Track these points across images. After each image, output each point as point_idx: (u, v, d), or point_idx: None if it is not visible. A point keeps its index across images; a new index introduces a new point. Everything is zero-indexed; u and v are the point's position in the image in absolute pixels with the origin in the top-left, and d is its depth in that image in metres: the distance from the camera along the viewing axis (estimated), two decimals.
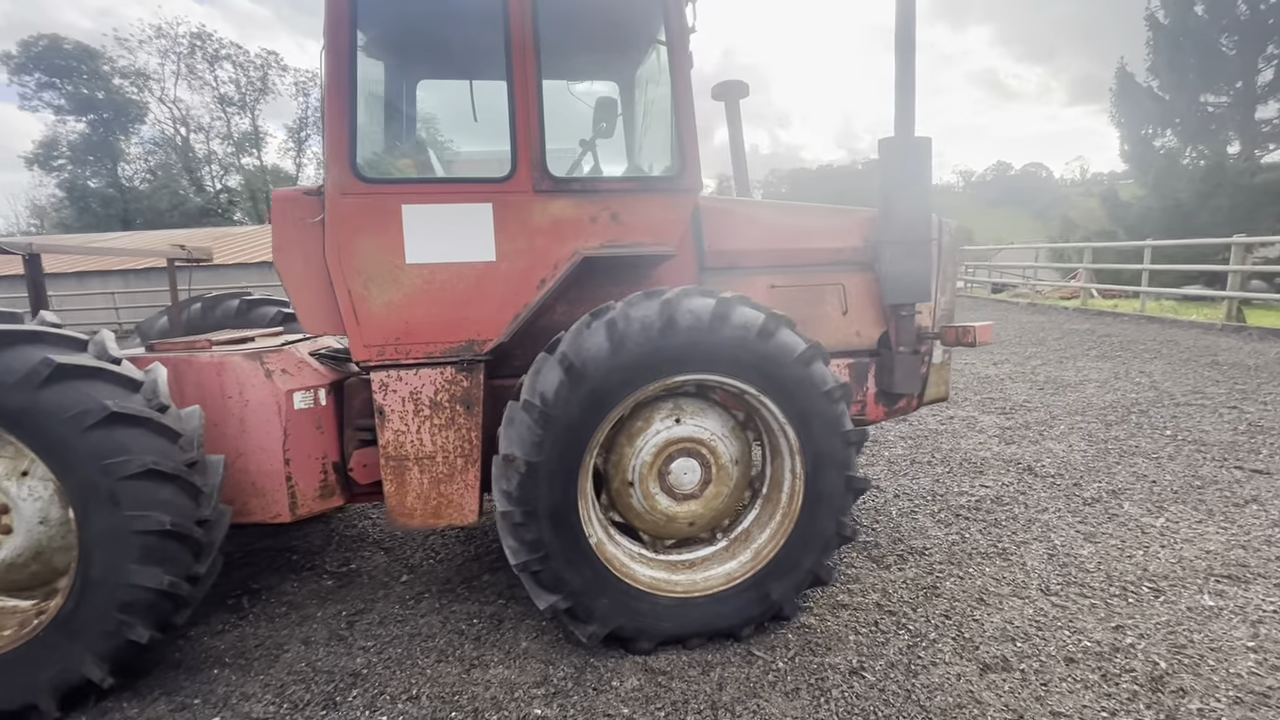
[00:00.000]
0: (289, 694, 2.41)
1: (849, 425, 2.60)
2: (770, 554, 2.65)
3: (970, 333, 3.11)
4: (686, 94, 2.77)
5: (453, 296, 2.66)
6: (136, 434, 2.22)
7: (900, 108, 3.00)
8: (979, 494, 4.17)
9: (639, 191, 2.78)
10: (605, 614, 2.51)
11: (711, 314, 2.42)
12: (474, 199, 2.64)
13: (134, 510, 2.19)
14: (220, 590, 3.22)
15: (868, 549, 3.46)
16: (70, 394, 2.15)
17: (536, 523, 2.40)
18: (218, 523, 2.49)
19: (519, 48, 2.58)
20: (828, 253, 3.23)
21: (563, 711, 2.28)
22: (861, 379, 3.27)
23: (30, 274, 2.76)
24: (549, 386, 2.36)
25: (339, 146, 2.52)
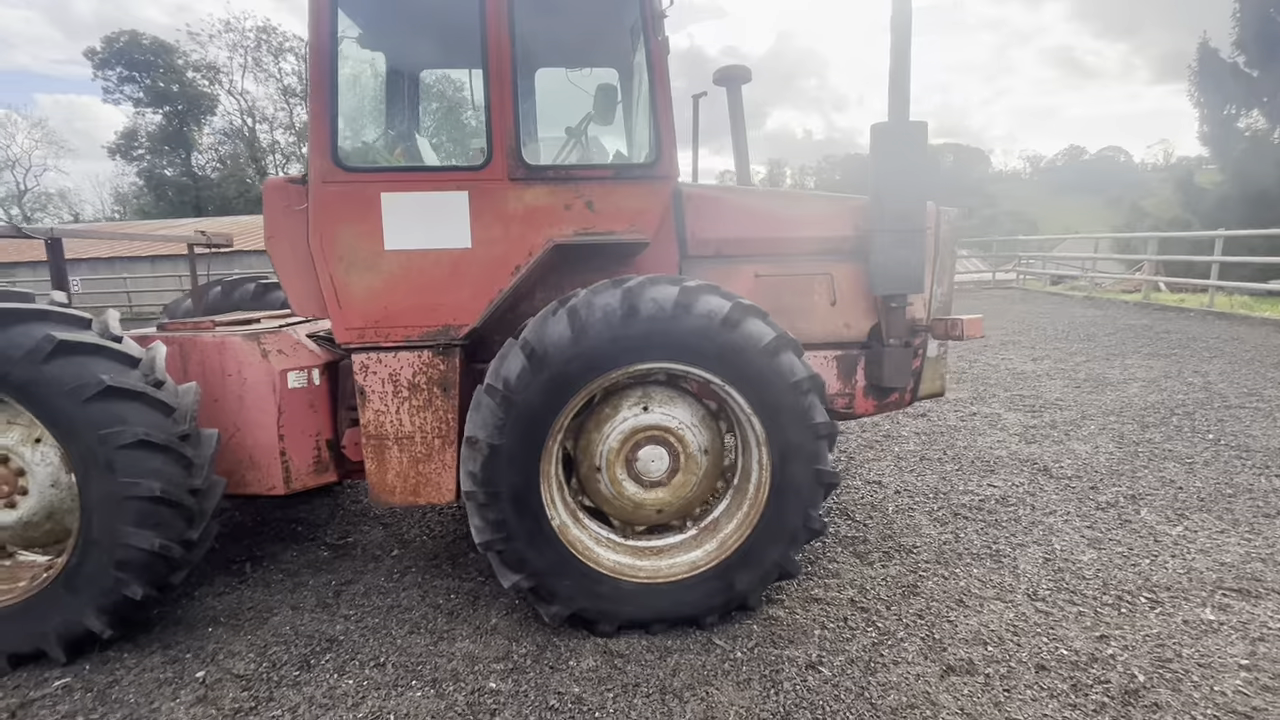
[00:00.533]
0: (270, 654, 2.57)
1: (819, 418, 2.56)
2: (735, 544, 2.65)
3: (959, 326, 3.00)
4: (663, 80, 2.75)
5: (430, 282, 2.73)
6: (132, 407, 2.40)
7: (894, 91, 2.90)
8: (984, 493, 4.02)
9: (615, 179, 2.78)
10: (567, 595, 2.57)
11: (674, 302, 2.42)
12: (450, 187, 2.70)
13: (128, 477, 2.37)
14: (227, 555, 3.45)
15: (853, 544, 3.40)
16: (71, 368, 2.33)
17: (499, 504, 2.47)
18: (210, 492, 2.66)
19: (494, 37, 2.61)
20: (816, 242, 3.16)
21: (516, 686, 2.35)
22: (850, 372, 3.20)
23: (52, 258, 3.00)
24: (512, 372, 2.41)
25: (321, 136, 2.62)
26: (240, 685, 2.39)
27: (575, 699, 2.27)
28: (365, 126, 3.16)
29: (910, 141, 2.93)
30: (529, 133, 2.84)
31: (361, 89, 3.07)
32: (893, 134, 2.92)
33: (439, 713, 2.23)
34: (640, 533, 2.86)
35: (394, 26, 3.08)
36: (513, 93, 2.65)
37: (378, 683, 2.39)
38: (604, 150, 3.43)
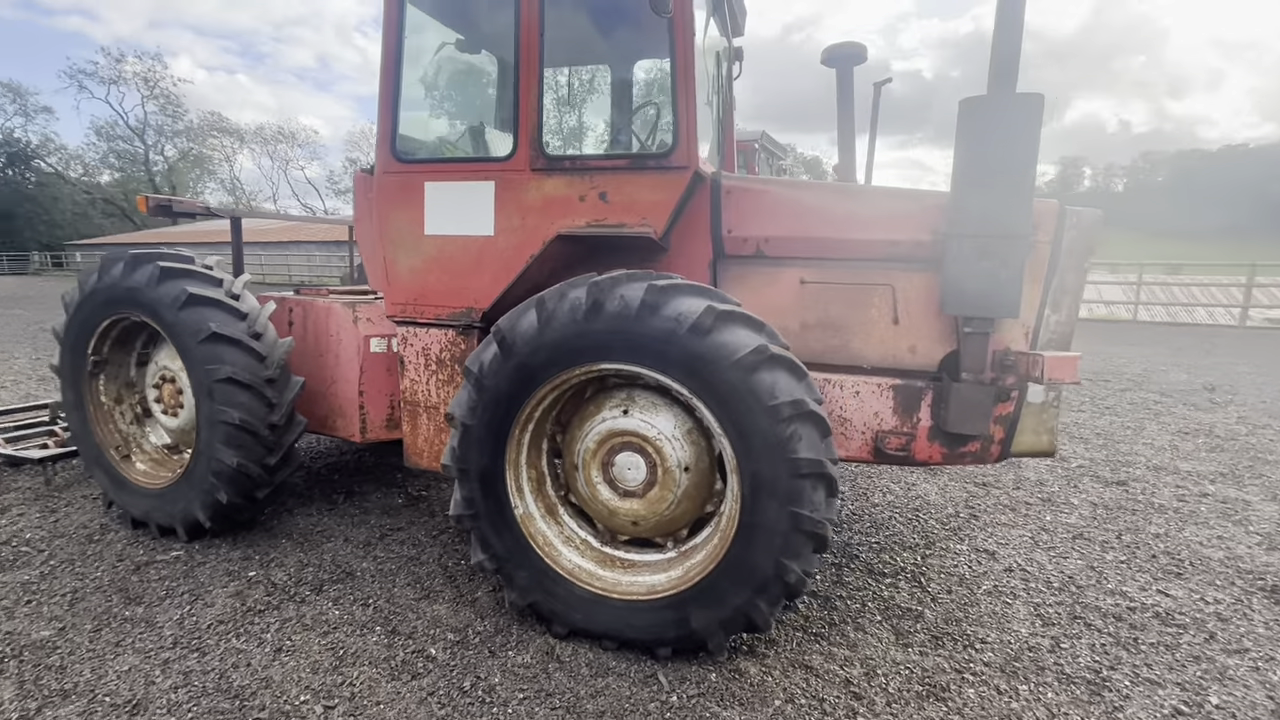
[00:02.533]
0: (303, 573, 3.04)
1: (802, 452, 2.14)
2: (697, 578, 2.36)
3: (1038, 364, 2.25)
4: (687, 66, 2.53)
5: (458, 266, 2.93)
6: (230, 350, 3.01)
7: (1000, 50, 2.27)
8: (1143, 601, 2.96)
9: (629, 169, 2.66)
10: (524, 586, 2.56)
11: (640, 302, 2.23)
12: (480, 177, 2.85)
13: (220, 405, 2.99)
14: (332, 485, 4.13)
15: (899, 616, 2.78)
16: (195, 316, 3.01)
17: (469, 482, 2.56)
18: (288, 427, 3.22)
19: (525, 33, 2.68)
20: (879, 245, 2.63)
21: (450, 659, 2.43)
22: (911, 407, 2.61)
23: (234, 236, 3.90)
24: (485, 357, 2.47)
25: (385, 131, 2.96)
26: (266, 590, 2.87)
27: (488, 689, 2.27)
28: (428, 119, 3.47)
29: (1014, 121, 2.27)
30: (551, 126, 2.83)
31: (427, 82, 3.36)
32: (991, 111, 2.30)
33: (377, 660, 2.41)
34: (624, 543, 2.72)
35: (455, 19, 3.29)
36: (538, 86, 2.69)
37: (354, 620, 2.67)
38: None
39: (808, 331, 2.76)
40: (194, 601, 2.77)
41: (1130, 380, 8.65)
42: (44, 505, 3.75)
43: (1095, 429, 6.07)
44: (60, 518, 3.59)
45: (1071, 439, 5.71)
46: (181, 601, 2.77)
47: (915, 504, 4.12)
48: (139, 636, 2.52)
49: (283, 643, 2.50)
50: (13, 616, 2.64)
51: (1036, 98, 2.28)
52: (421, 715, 2.13)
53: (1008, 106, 2.28)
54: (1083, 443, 5.60)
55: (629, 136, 3.25)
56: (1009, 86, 2.28)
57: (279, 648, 2.47)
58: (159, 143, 53.93)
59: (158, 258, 3.16)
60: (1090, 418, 6.51)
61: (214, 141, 57.25)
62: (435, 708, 2.17)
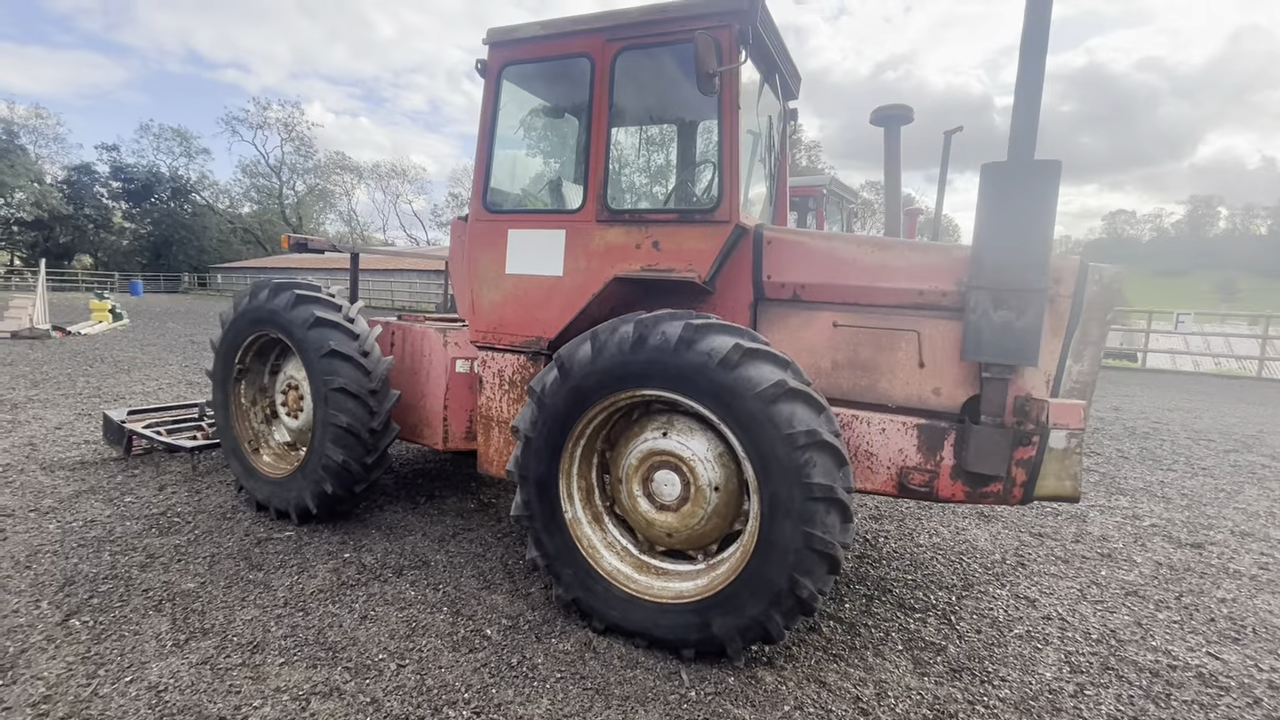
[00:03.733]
0: (388, 558, 3.53)
1: (816, 478, 2.38)
2: (720, 587, 2.62)
3: (1044, 410, 2.38)
4: (733, 136, 2.90)
5: (531, 301, 3.40)
6: (344, 365, 3.61)
7: (1019, 120, 2.50)
8: (1188, 661, 2.90)
9: (679, 222, 3.04)
10: (569, 583, 2.91)
11: (678, 338, 2.58)
12: (554, 226, 3.33)
13: (333, 409, 3.59)
14: (416, 487, 4.68)
15: (922, 647, 2.89)
16: (318, 335, 3.64)
17: (528, 487, 2.96)
18: (384, 433, 3.77)
19: (597, 105, 3.16)
20: (906, 294, 2.85)
21: (503, 639, 2.80)
22: (935, 446, 2.78)
23: (352, 268, 4.60)
24: (547, 379, 2.89)
25: (479, 186, 3.52)
26: (357, 569, 3.38)
27: (531, 667, 2.62)
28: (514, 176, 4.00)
29: (1031, 185, 2.48)
30: (614, 183, 3.27)
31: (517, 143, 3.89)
32: (1010, 175, 2.52)
33: (444, 634, 2.82)
34: (661, 553, 3.02)
35: (542, 89, 3.82)
36: (605, 149, 3.15)
37: (426, 600, 3.11)
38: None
39: (839, 371, 3.00)
40: (300, 572, 3.31)
41: (1239, 441, 7.98)
42: (191, 486, 4.52)
43: (1183, 489, 5.73)
44: (203, 497, 4.32)
45: (1151, 497, 5.43)
46: (291, 571, 3.32)
47: (961, 547, 4.14)
48: (259, 595, 3.07)
49: (368, 612, 2.97)
50: (169, 570, 3.28)
51: (1054, 164, 2.48)
52: (475, 681, 2.51)
53: (1026, 171, 2.49)
54: (1163, 502, 5.32)
55: (681, 193, 3.65)
56: (1028, 153, 2.50)
57: (365, 615, 2.94)
58: (291, 179, 60.52)
59: (294, 286, 3.85)
60: (1180, 478, 6.13)
61: (336, 178, 63.54)
62: (486, 676, 2.54)
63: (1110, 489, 5.66)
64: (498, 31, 3.42)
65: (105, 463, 4.97)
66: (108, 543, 3.56)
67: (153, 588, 3.08)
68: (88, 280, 41.40)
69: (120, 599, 2.97)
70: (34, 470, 4.73)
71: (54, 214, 47.34)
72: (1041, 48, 2.47)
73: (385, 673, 2.53)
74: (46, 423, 6.16)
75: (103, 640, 2.64)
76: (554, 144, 3.87)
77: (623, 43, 3.11)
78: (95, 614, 2.84)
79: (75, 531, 3.70)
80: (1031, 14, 2.47)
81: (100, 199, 53.20)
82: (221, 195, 60.18)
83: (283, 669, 2.52)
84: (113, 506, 4.09)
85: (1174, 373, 17.14)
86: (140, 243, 54.61)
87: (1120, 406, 10.52)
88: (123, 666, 2.48)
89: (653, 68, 3.26)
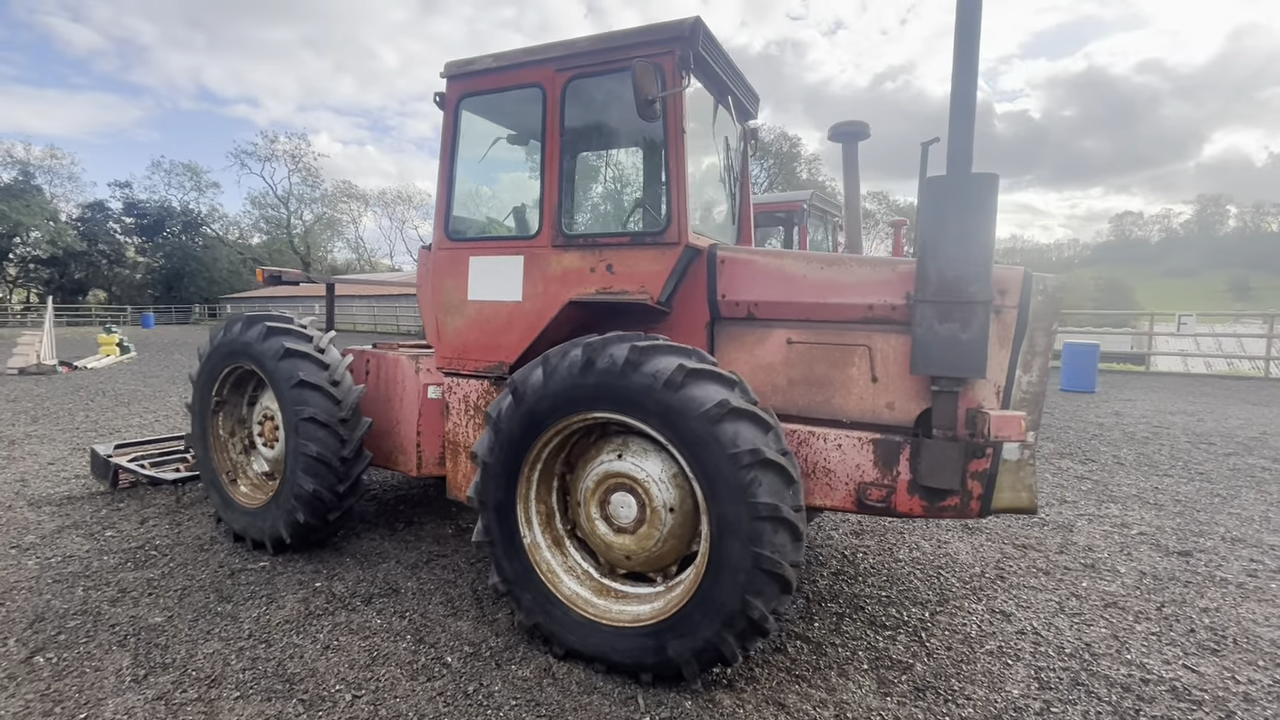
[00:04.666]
0: (358, 586, 3.54)
1: (762, 497, 2.38)
2: (675, 609, 2.61)
3: (985, 423, 2.36)
4: (679, 154, 2.95)
5: (493, 327, 3.43)
6: (313, 395, 3.65)
7: (956, 135, 2.53)
8: (1162, 674, 2.84)
9: (631, 245, 3.07)
10: (529, 608, 2.90)
11: (625, 360, 2.60)
12: (513, 252, 3.37)
13: (302, 439, 3.62)
14: (396, 515, 4.70)
15: (889, 666, 2.85)
16: (289, 365, 3.69)
17: (487, 512, 2.97)
18: (356, 460, 3.80)
19: (549, 132, 3.22)
20: (857, 309, 2.86)
21: (463, 666, 2.79)
22: (891, 460, 2.76)
23: (328, 297, 4.67)
24: (503, 404, 2.91)
25: (441, 214, 3.58)
26: (326, 599, 3.38)
27: (487, 695, 2.60)
28: (475, 204, 4.06)
29: (972, 198, 2.50)
30: (569, 208, 3.32)
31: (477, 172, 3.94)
32: (950, 190, 2.53)
33: (403, 663, 2.81)
34: (622, 576, 3.01)
35: (502, 118, 3.88)
36: (559, 175, 3.20)
37: (391, 628, 3.11)
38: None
39: (794, 387, 3.01)
40: (269, 603, 3.32)
41: (1240, 444, 7.85)
42: (173, 519, 4.56)
43: (1177, 495, 5.63)
44: (183, 529, 4.35)
45: (1143, 504, 5.35)
46: (260, 602, 3.33)
47: (941, 561, 4.09)
48: (224, 627, 3.08)
49: (331, 642, 2.97)
50: (138, 604, 3.30)
51: (992, 177, 2.50)
52: (428, 710, 2.50)
53: (965, 184, 2.51)
54: (1155, 509, 5.23)
55: (634, 216, 3.70)
56: (966, 166, 2.52)
57: (327, 645, 2.94)
58: (299, 209, 61.56)
59: (266, 319, 3.91)
60: (1175, 483, 6.03)
61: (344, 206, 64.59)
62: (441, 705, 2.53)
63: (1102, 497, 5.58)
64: (454, 65, 3.50)
65: (92, 497, 5.03)
66: (83, 578, 3.59)
67: (120, 623, 3.10)
68: (101, 315, 42.15)
69: (87, 635, 2.99)
70: (21, 506, 4.79)
71: (69, 251, 48.38)
72: (973, 63, 2.50)
73: (340, 704, 2.53)
74: (40, 458, 6.24)
75: (63, 677, 2.66)
76: (512, 172, 3.93)
77: (572, 72, 3.18)
78: (60, 650, 2.86)
79: (53, 567, 3.73)
80: (961, 30, 2.50)
81: (113, 235, 54.39)
82: (231, 227, 61.37)
83: (237, 703, 2.52)
84: (93, 541, 4.13)
85: (1182, 375, 16.91)
86: (153, 276, 55.65)
87: (1121, 411, 10.38)
88: (79, 703, 2.49)
89: (602, 95, 3.32)
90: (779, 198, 8.38)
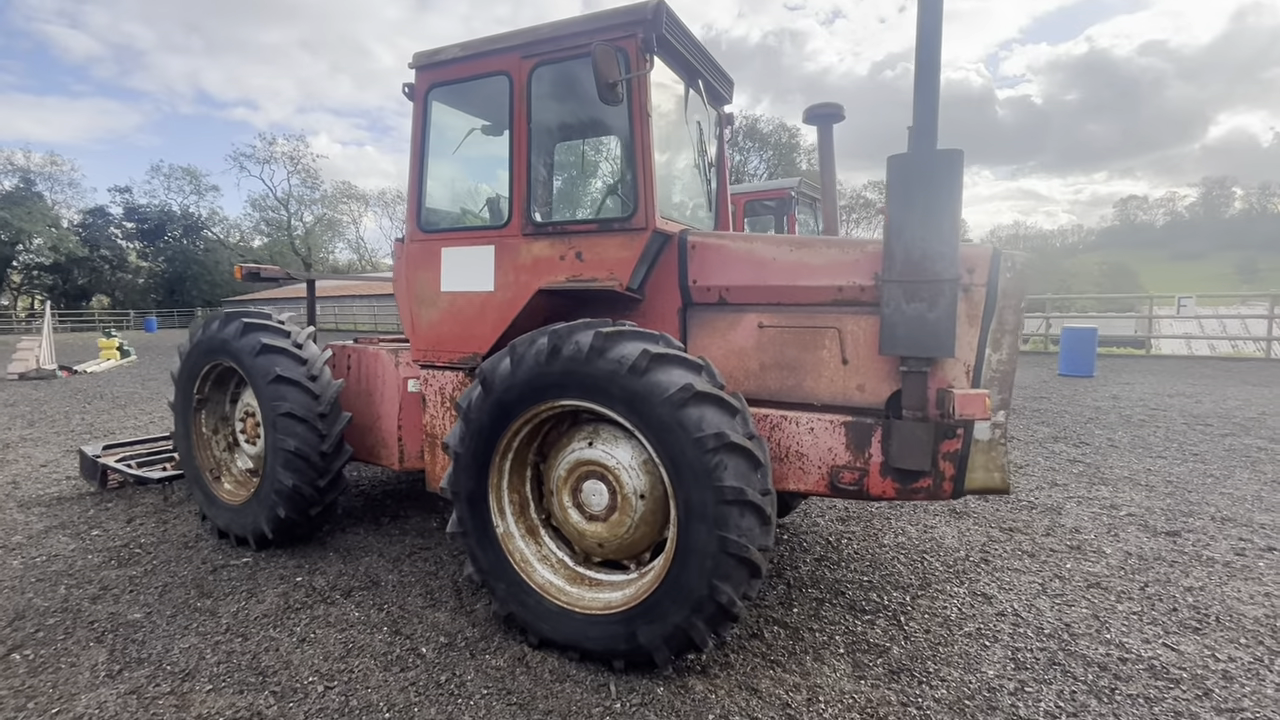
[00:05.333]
0: (339, 579, 3.54)
1: (727, 481, 2.36)
2: (645, 595, 2.59)
3: (950, 401, 2.34)
4: (644, 138, 2.92)
5: (466, 317, 3.42)
6: (290, 389, 3.65)
7: (920, 112, 2.49)
8: (1142, 654, 2.82)
9: (599, 232, 3.05)
10: (503, 597, 2.89)
11: (590, 346, 2.58)
12: (484, 242, 3.35)
13: (280, 434, 3.62)
14: (381, 509, 4.70)
15: (866, 650, 2.84)
16: (266, 361, 3.69)
17: (460, 503, 2.96)
18: (335, 455, 3.79)
19: (516, 119, 3.19)
20: (825, 291, 2.83)
21: (437, 657, 2.79)
22: (862, 443, 2.74)
23: (308, 294, 4.66)
24: (473, 395, 2.89)
25: (413, 206, 3.56)
26: (306, 592, 3.39)
27: (459, 684, 2.60)
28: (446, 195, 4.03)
29: (938, 174, 2.47)
30: (539, 196, 3.29)
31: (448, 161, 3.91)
32: (914, 166, 2.50)
33: (378, 654, 2.81)
34: (597, 564, 3.00)
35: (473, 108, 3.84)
36: (526, 165, 3.18)
37: (368, 621, 3.11)
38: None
39: (766, 371, 2.98)
40: (249, 598, 3.33)
41: (1237, 424, 7.79)
42: (159, 517, 4.57)
43: (1169, 476, 5.59)
44: (169, 528, 4.37)
45: (1134, 486, 5.31)
46: (240, 597, 3.34)
47: (926, 546, 4.07)
48: (202, 622, 3.09)
49: (307, 635, 2.97)
50: (119, 601, 3.31)
51: (956, 153, 2.46)
52: (399, 700, 2.50)
53: (930, 162, 2.48)
54: (1146, 490, 5.20)
55: (602, 203, 3.68)
56: (930, 143, 2.48)
57: (303, 639, 2.94)
58: (299, 210, 61.59)
59: (243, 315, 3.91)
60: (1169, 465, 5.99)
61: (344, 207, 64.59)
62: (412, 695, 2.53)
63: (1093, 479, 5.54)
64: (422, 55, 3.48)
65: (81, 498, 5.05)
66: (65, 576, 3.61)
67: (99, 619, 3.12)
68: (104, 320, 42.35)
69: (65, 631, 3.01)
70: (10, 508, 4.81)
71: (71, 257, 48.55)
72: (936, 38, 2.47)
73: (311, 695, 2.53)
74: (34, 460, 6.28)
75: (39, 673, 2.67)
76: (482, 161, 3.91)
77: (537, 59, 3.15)
78: (38, 647, 2.87)
79: (37, 566, 3.75)
80: (924, 4, 2.46)
81: (115, 240, 54.53)
82: (232, 230, 61.46)
83: (209, 695, 2.52)
84: (78, 540, 4.15)
85: (1184, 358, 16.80)
86: (155, 280, 55.84)
87: (1119, 395, 10.32)
88: (52, 699, 2.50)
89: (568, 81, 3.29)
90: (766, 186, 8.32)
